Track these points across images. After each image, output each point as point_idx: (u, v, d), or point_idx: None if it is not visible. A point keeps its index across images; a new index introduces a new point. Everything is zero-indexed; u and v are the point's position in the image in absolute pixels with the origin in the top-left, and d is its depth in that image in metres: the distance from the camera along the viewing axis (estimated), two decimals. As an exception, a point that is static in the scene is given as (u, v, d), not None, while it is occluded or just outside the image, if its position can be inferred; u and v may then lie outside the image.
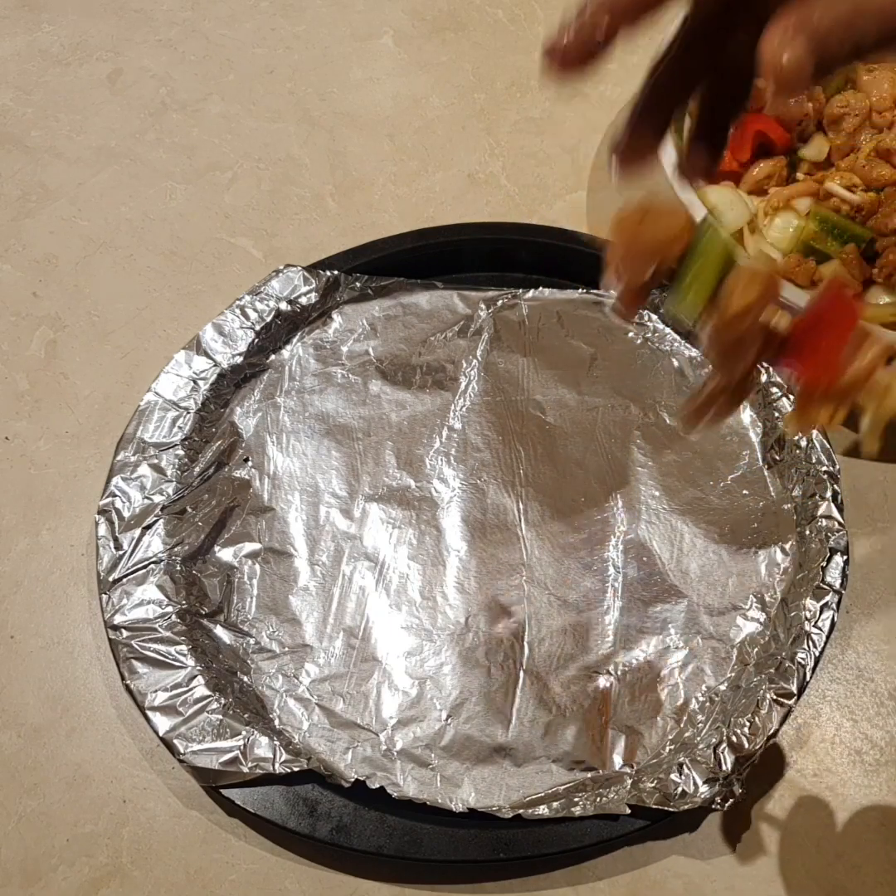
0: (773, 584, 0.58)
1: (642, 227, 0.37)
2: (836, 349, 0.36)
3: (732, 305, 0.36)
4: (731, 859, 0.53)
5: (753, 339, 0.37)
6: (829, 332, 0.36)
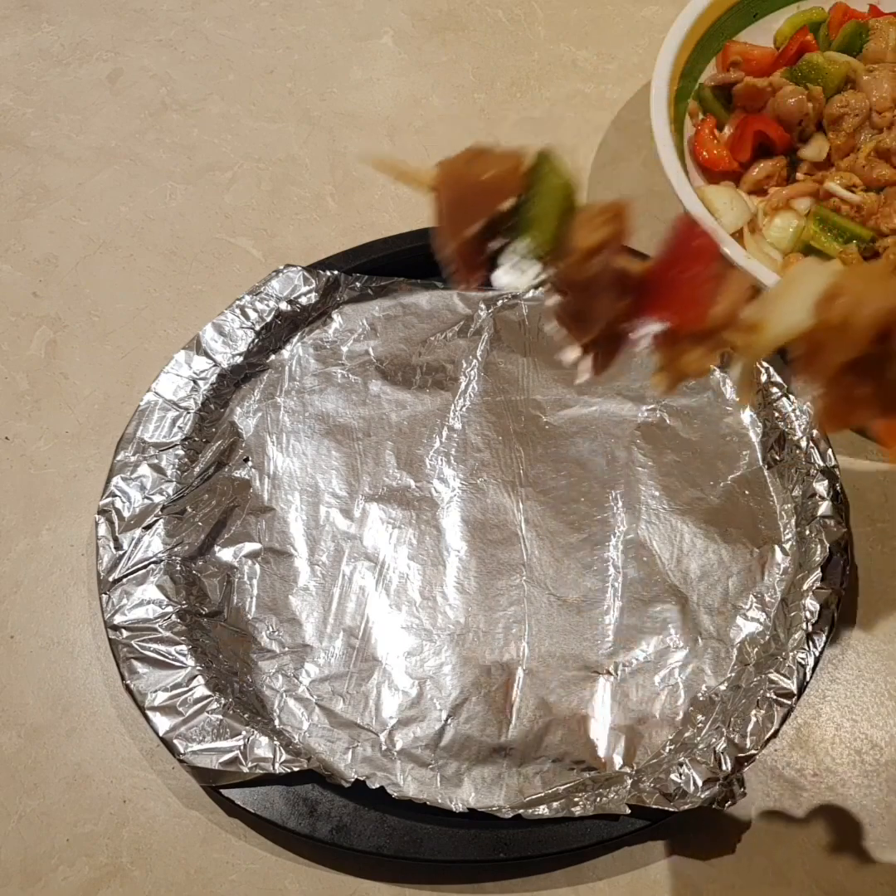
0: (773, 584, 0.58)
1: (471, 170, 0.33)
2: (696, 287, 0.33)
3: (582, 243, 0.32)
4: (731, 859, 0.53)
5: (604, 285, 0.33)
6: (687, 270, 0.33)
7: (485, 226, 0.33)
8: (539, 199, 0.33)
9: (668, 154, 0.65)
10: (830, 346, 0.32)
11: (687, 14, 0.71)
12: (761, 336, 0.33)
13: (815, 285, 0.32)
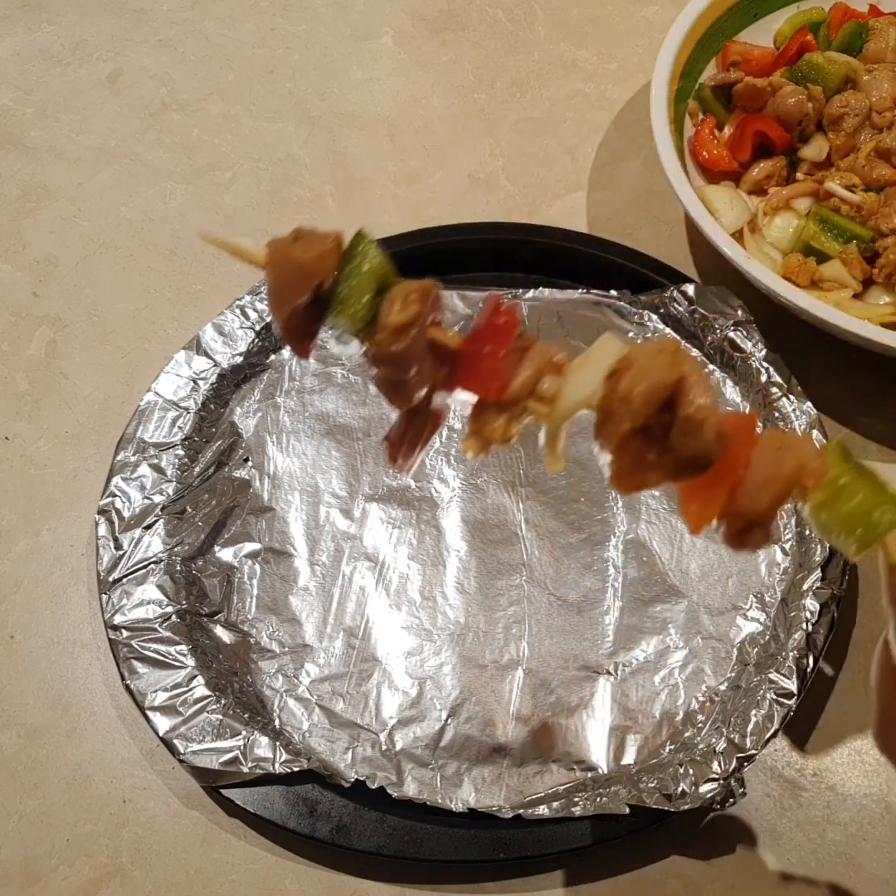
0: (773, 584, 0.58)
1: (295, 248, 0.35)
2: (497, 361, 0.36)
3: (391, 321, 0.34)
4: (732, 859, 0.53)
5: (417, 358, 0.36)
6: (491, 344, 0.36)
7: (310, 301, 0.36)
8: (351, 279, 0.35)
9: (668, 154, 0.65)
10: (618, 415, 0.35)
11: (687, 14, 0.71)
12: (558, 406, 0.37)
13: (608, 359, 0.35)
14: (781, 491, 0.35)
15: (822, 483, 0.35)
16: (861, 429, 0.65)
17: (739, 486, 0.36)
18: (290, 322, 0.36)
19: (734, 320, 0.64)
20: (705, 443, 0.34)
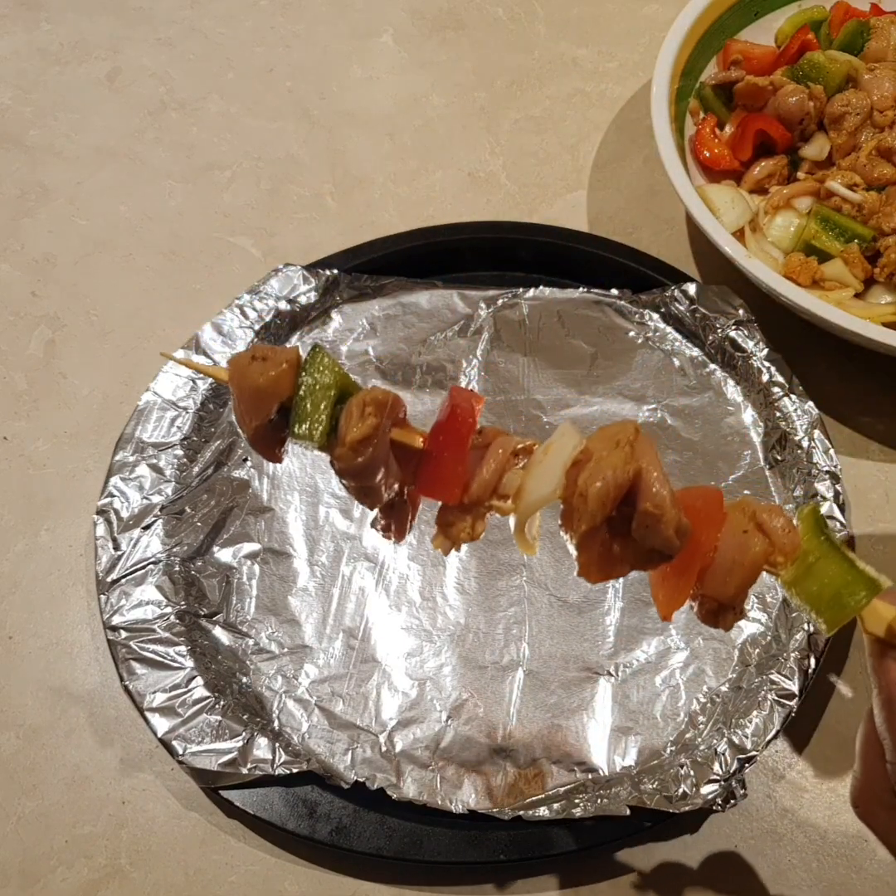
0: (773, 585, 0.57)
1: (252, 368, 0.36)
2: (455, 463, 0.36)
3: (350, 437, 0.35)
4: (732, 859, 0.53)
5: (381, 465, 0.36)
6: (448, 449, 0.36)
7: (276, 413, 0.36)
8: (304, 401, 0.36)
9: (669, 153, 0.64)
10: (578, 512, 0.35)
11: (688, 13, 0.71)
12: (521, 503, 0.36)
13: (566, 452, 0.35)
14: (749, 575, 0.36)
15: (793, 558, 0.36)
16: (861, 428, 0.65)
17: (709, 569, 0.36)
18: (256, 436, 0.37)
19: (735, 319, 0.64)
20: (666, 536, 0.34)
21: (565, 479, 0.35)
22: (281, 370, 0.36)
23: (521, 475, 0.36)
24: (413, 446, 0.37)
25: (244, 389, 0.36)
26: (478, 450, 0.37)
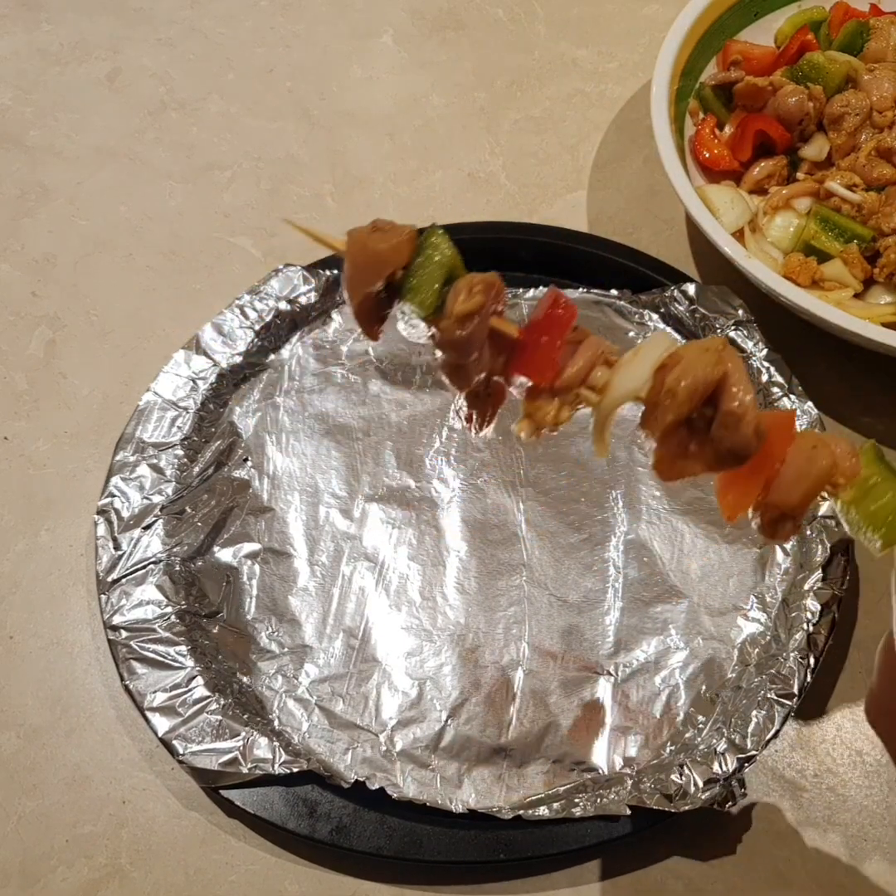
0: (773, 585, 0.58)
1: (370, 239, 0.38)
2: (553, 350, 0.38)
3: (456, 309, 0.37)
4: (732, 860, 0.53)
5: (479, 345, 0.38)
6: (546, 337, 0.38)
7: (383, 287, 0.38)
8: (422, 269, 0.38)
9: (669, 153, 0.65)
10: (663, 407, 0.37)
11: (687, 13, 0.71)
12: (608, 395, 0.39)
13: (656, 353, 0.38)
14: (814, 486, 0.38)
15: (853, 481, 0.38)
16: (861, 429, 0.65)
17: (775, 480, 0.38)
18: (362, 306, 0.39)
19: (735, 320, 0.64)
20: (744, 437, 0.36)
21: (653, 380, 0.37)
22: (401, 240, 0.37)
23: (610, 371, 0.39)
24: (509, 336, 0.39)
25: (362, 256, 0.38)
26: (570, 345, 0.39)
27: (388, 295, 0.39)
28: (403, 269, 0.38)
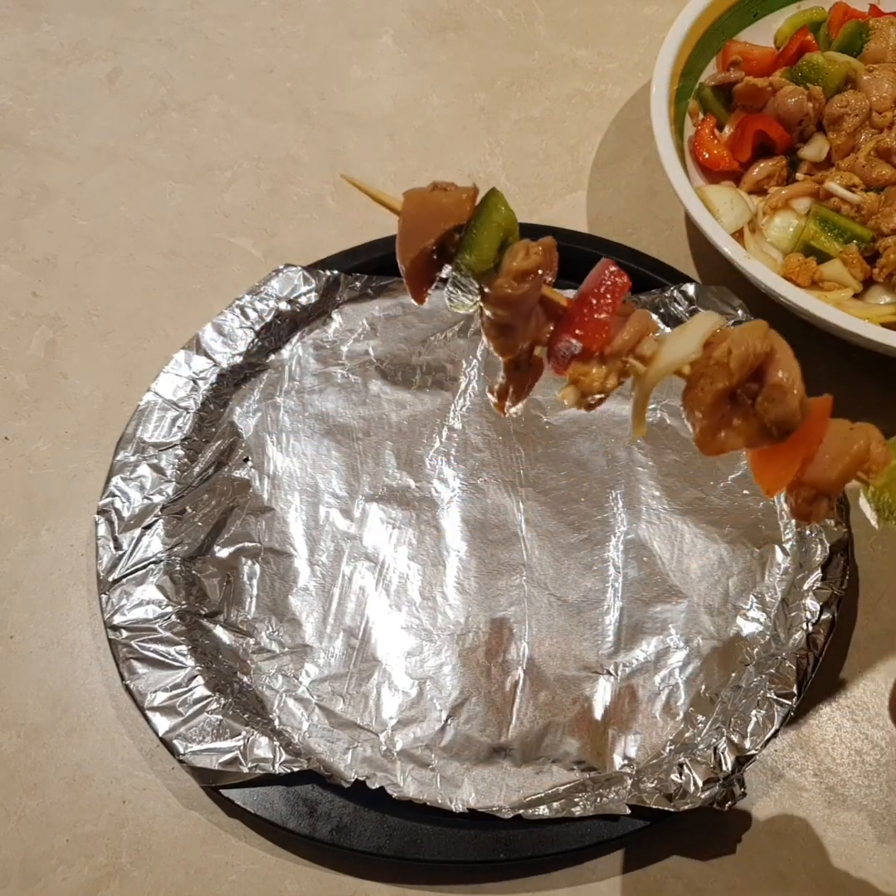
0: (773, 585, 0.58)
1: (430, 195, 0.38)
2: (605, 317, 0.39)
3: (515, 266, 0.38)
4: (732, 859, 0.53)
5: (530, 306, 0.39)
6: (600, 302, 0.39)
7: (436, 246, 0.39)
8: (481, 227, 0.38)
9: (669, 154, 0.65)
10: (710, 377, 0.38)
11: (687, 13, 0.71)
12: (655, 364, 0.39)
13: (705, 328, 0.39)
14: (850, 465, 0.39)
15: (884, 468, 0.39)
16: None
17: (812, 460, 0.39)
18: (415, 265, 0.39)
19: (734, 320, 0.64)
20: (790, 409, 0.38)
21: (700, 353, 0.38)
22: (462, 197, 0.38)
23: (658, 343, 0.39)
24: (558, 304, 0.40)
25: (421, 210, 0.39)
26: (619, 317, 0.39)
27: (439, 258, 0.39)
28: (459, 230, 0.38)
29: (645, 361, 0.39)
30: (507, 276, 0.38)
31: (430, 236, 0.38)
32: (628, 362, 0.39)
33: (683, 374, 0.39)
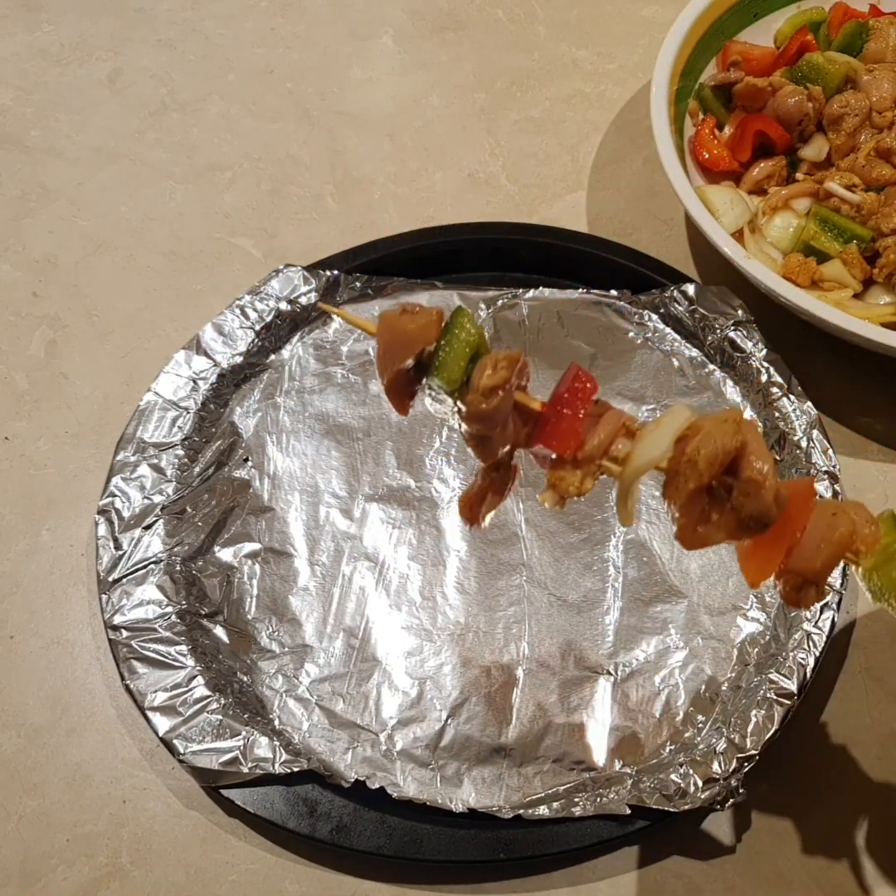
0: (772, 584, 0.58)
1: (399, 321, 0.40)
2: (576, 422, 0.40)
3: (483, 383, 0.39)
4: (732, 859, 0.53)
5: (503, 418, 0.40)
6: (570, 408, 0.40)
7: (413, 364, 0.40)
8: (448, 347, 0.39)
9: (669, 154, 0.65)
10: (684, 475, 0.38)
11: (687, 14, 0.71)
12: (629, 465, 0.40)
13: (676, 425, 0.39)
14: (835, 553, 0.38)
15: (874, 549, 0.38)
16: (861, 429, 0.65)
17: (796, 547, 0.39)
18: (393, 383, 0.41)
19: (734, 320, 0.64)
20: (764, 503, 0.37)
21: (673, 450, 0.39)
22: (429, 320, 0.40)
23: (632, 443, 0.40)
24: (532, 409, 0.41)
25: (392, 336, 0.40)
26: (592, 418, 0.40)
27: (417, 373, 0.41)
28: (431, 347, 0.40)
29: (619, 462, 0.40)
30: (476, 393, 0.39)
31: (402, 359, 0.40)
32: (602, 465, 0.40)
33: (662, 469, 0.39)
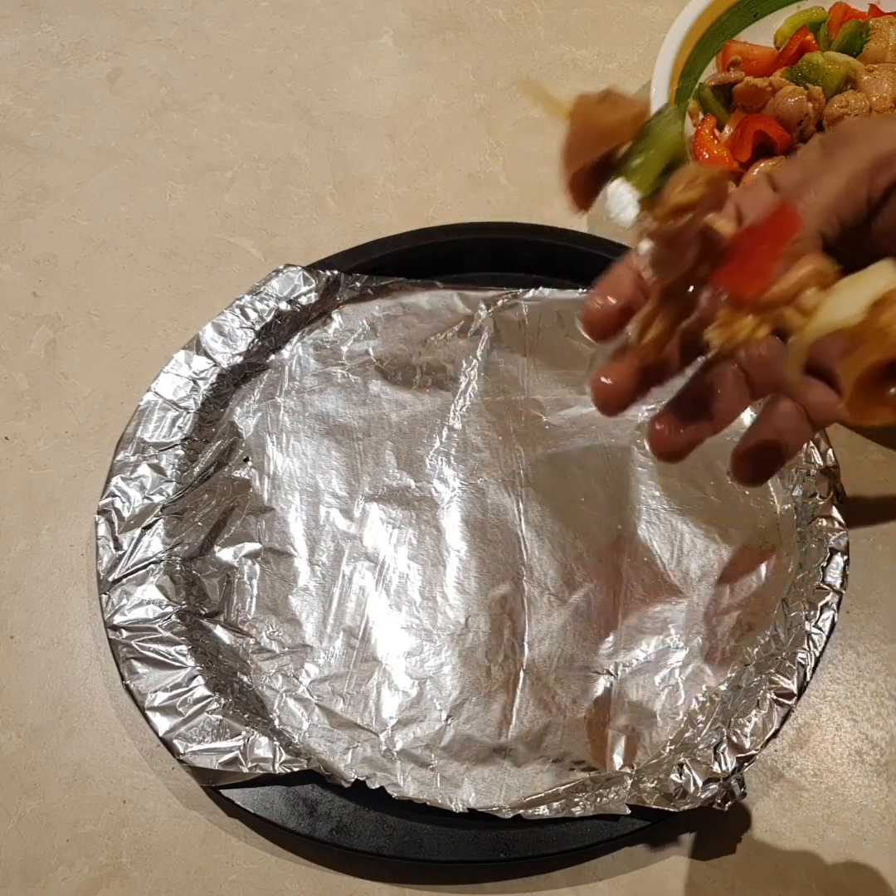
0: (772, 584, 0.58)
1: (599, 108, 0.36)
2: (768, 260, 0.35)
3: (672, 199, 0.35)
4: (732, 860, 0.53)
5: (690, 239, 0.36)
6: (766, 242, 0.36)
7: (601, 161, 0.36)
8: (648, 150, 0.35)
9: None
10: (869, 345, 0.33)
11: (687, 14, 0.71)
12: (814, 320, 0.35)
13: (878, 286, 0.34)
14: None
15: None
16: (861, 428, 0.65)
17: None
18: (576, 178, 0.37)
19: None
20: None
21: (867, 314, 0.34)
22: (628, 115, 0.36)
23: (823, 296, 0.35)
24: (721, 237, 0.37)
25: (586, 126, 0.36)
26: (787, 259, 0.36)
27: (605, 169, 0.37)
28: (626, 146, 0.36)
29: (805, 314, 0.35)
30: (664, 209, 0.35)
31: (590, 153, 0.36)
32: (785, 314, 0.35)
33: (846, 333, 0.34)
